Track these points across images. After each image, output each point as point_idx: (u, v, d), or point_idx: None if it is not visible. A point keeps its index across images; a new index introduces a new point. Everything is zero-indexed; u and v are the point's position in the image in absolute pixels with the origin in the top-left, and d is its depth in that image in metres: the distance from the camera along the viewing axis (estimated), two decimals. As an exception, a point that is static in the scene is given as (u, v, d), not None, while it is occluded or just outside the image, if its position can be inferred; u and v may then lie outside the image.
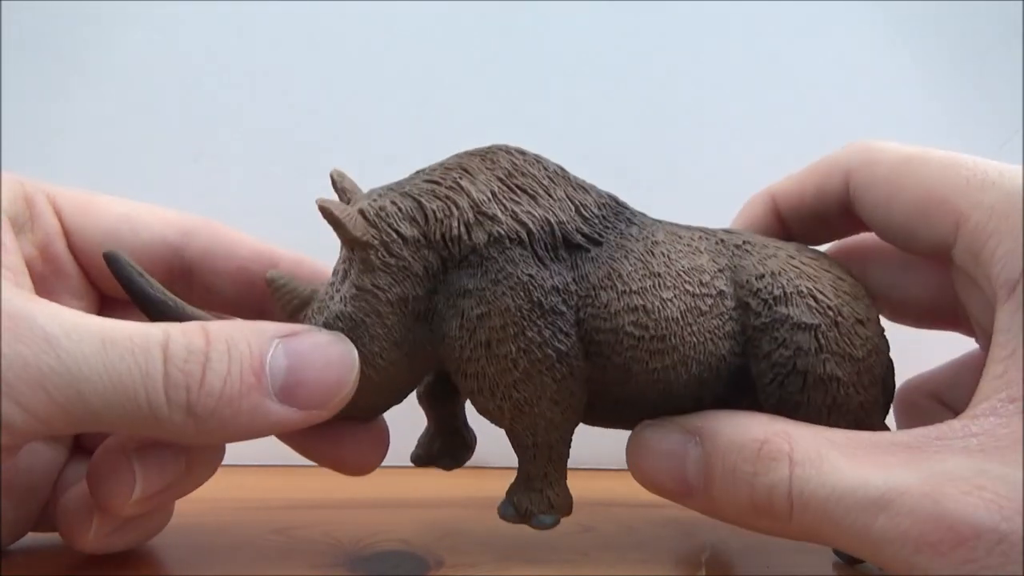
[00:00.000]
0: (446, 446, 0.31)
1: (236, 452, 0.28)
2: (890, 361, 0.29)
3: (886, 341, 0.28)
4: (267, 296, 0.29)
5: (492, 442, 0.30)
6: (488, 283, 0.25)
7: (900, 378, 0.30)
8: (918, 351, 0.32)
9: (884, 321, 0.29)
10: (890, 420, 0.31)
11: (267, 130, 0.46)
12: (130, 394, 0.22)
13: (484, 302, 0.25)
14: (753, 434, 0.25)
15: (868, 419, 0.27)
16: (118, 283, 0.26)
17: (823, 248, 0.31)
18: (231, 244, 0.30)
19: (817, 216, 0.31)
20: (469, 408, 0.29)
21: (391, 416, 0.29)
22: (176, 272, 0.30)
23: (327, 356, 0.25)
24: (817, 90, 0.47)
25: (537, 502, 0.27)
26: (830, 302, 0.27)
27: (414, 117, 0.46)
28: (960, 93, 0.47)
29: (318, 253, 0.31)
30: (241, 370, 0.23)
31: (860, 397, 0.27)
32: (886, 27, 0.47)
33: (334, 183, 0.28)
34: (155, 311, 0.25)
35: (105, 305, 0.30)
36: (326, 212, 0.25)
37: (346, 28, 0.46)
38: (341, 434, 0.28)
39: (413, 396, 0.29)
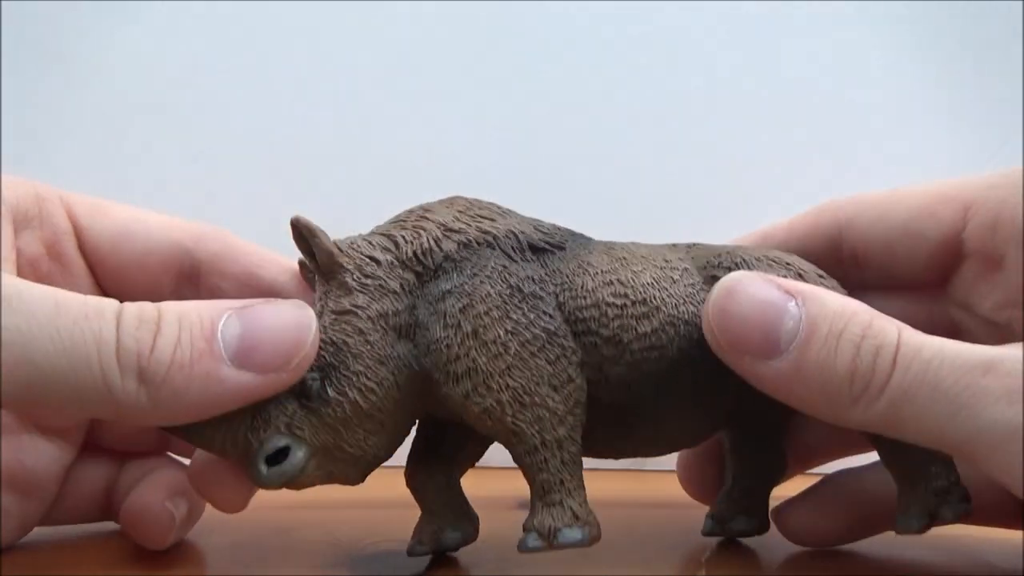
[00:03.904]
0: (445, 521, 0.29)
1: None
2: None
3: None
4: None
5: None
6: (465, 278, 0.26)
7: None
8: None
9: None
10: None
11: (267, 130, 0.46)
12: (83, 360, 0.22)
13: (464, 295, 0.26)
14: (862, 306, 0.24)
15: None
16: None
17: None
18: (240, 251, 0.30)
19: (807, 254, 0.30)
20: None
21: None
22: (185, 273, 0.30)
23: (282, 318, 0.24)
24: (816, 91, 0.47)
25: (559, 516, 0.25)
26: (788, 260, 0.29)
27: (416, 118, 0.46)
28: (960, 93, 0.47)
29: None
30: (192, 336, 0.23)
31: None
32: (886, 27, 0.47)
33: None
34: None
35: None
36: (301, 224, 0.26)
37: (348, 28, 0.46)
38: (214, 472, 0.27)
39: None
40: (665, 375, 0.27)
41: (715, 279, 0.27)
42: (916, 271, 0.30)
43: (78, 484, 0.30)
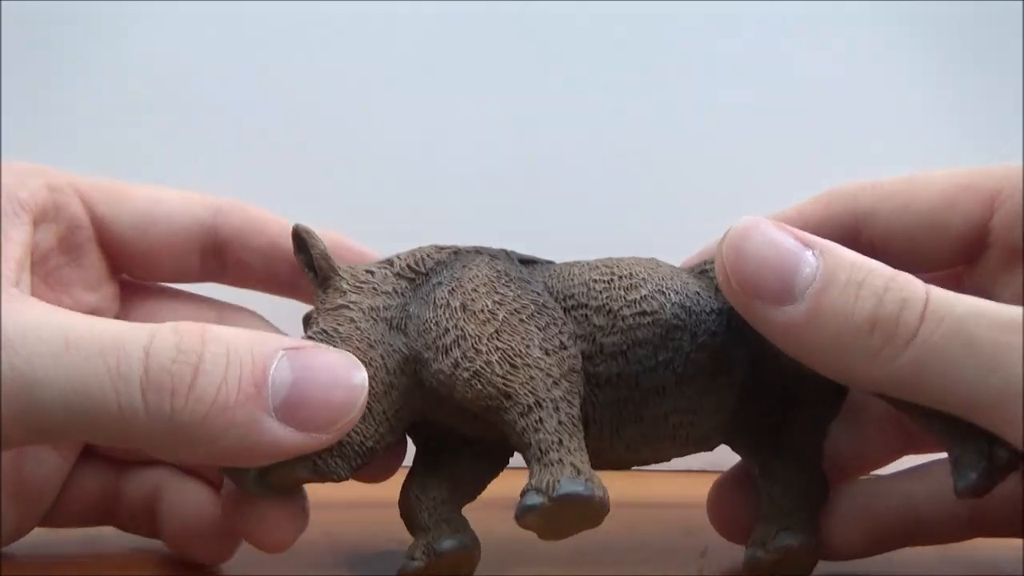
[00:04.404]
0: (441, 533, 0.26)
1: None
2: None
3: None
4: (299, 270, 0.29)
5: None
6: (457, 269, 0.27)
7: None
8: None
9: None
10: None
11: (269, 131, 0.46)
12: (97, 398, 0.20)
13: (454, 280, 0.26)
14: (881, 264, 0.23)
15: None
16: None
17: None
18: (262, 221, 0.30)
19: None
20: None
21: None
22: (210, 250, 0.29)
23: (335, 374, 0.22)
24: (816, 91, 0.47)
25: (559, 471, 0.23)
26: None
27: (418, 118, 0.46)
28: (960, 93, 0.47)
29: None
30: (240, 376, 0.21)
31: None
32: (886, 27, 0.47)
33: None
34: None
35: (129, 293, 0.30)
36: (300, 229, 0.26)
37: (351, 27, 0.46)
38: (253, 508, 0.25)
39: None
40: (662, 342, 0.26)
41: (704, 272, 0.27)
42: (937, 260, 0.29)
43: (76, 489, 0.29)
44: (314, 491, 0.32)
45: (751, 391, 0.27)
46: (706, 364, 0.26)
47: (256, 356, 0.21)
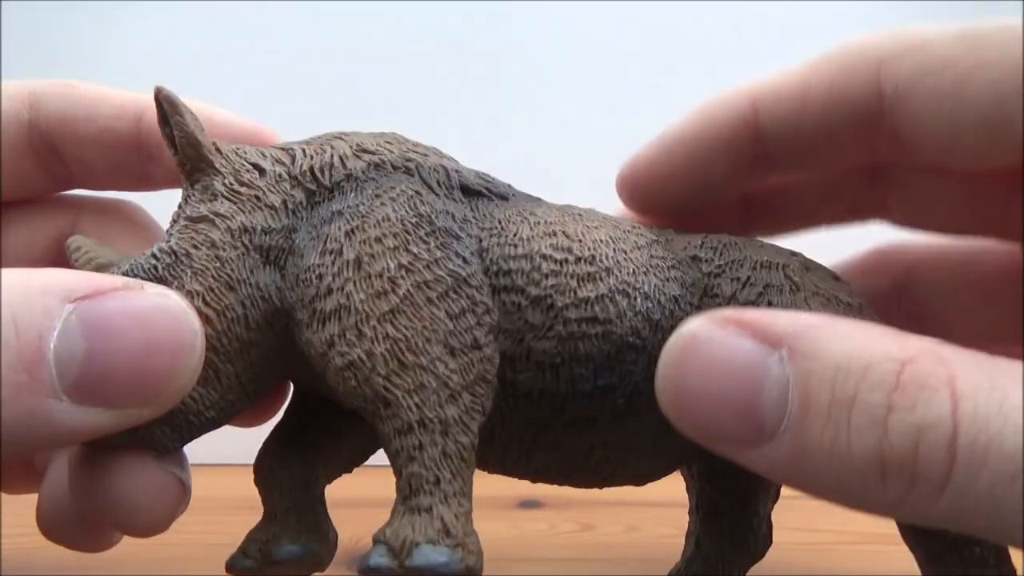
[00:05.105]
0: (285, 530, 0.21)
1: (235, 451, 0.28)
2: None
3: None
4: (145, 155, 0.23)
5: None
6: (364, 199, 0.20)
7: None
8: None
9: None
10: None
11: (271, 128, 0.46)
12: None
13: (356, 216, 0.19)
14: (885, 348, 0.15)
15: None
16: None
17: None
18: (90, 104, 0.23)
19: (824, 129, 0.22)
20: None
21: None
22: (41, 152, 0.23)
23: (152, 332, 0.16)
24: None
25: (422, 527, 0.18)
26: (789, 254, 0.22)
27: (420, 114, 0.47)
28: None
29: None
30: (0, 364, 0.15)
31: None
32: (885, 26, 0.47)
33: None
34: None
35: None
36: (163, 96, 0.19)
37: (353, 22, 0.46)
38: (113, 476, 0.19)
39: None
40: (608, 363, 0.20)
41: (696, 260, 0.21)
42: (986, 166, 0.21)
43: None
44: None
45: None
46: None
47: (23, 327, 0.15)
